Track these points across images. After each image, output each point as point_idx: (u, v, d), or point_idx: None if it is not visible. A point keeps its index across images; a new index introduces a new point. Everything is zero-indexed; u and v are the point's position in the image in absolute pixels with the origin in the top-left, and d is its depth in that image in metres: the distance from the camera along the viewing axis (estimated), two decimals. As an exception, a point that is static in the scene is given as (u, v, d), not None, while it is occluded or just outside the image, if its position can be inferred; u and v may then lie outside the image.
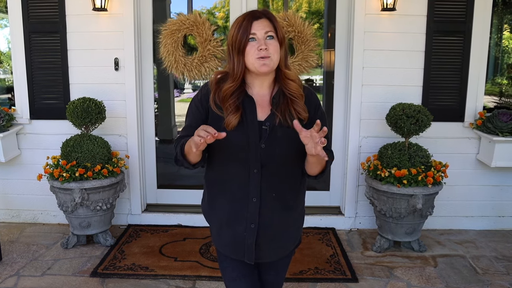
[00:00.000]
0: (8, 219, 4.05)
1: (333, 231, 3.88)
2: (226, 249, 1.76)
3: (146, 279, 3.06)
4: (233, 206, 1.68)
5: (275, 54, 1.58)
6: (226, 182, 1.68)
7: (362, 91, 3.76)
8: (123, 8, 3.68)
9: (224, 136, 1.40)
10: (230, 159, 1.65)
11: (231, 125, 1.57)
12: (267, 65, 1.57)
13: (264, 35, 1.57)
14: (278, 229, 1.72)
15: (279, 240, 1.75)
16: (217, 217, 1.75)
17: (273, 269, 1.88)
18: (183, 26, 3.80)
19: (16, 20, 3.71)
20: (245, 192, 1.64)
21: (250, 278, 1.78)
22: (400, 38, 3.69)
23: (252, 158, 1.61)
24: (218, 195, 1.72)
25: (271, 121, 1.62)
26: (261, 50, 1.55)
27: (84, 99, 3.49)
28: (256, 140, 1.61)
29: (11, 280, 3.03)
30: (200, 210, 1.82)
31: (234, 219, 1.69)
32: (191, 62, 3.84)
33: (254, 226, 1.67)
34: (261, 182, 1.63)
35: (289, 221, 1.76)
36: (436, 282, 3.07)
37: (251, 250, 1.69)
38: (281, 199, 1.69)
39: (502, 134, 3.57)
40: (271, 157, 1.62)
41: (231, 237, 1.71)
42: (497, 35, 4.35)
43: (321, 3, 4.40)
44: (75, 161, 3.39)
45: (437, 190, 3.39)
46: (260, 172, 1.62)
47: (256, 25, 1.57)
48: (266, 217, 1.67)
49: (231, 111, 1.58)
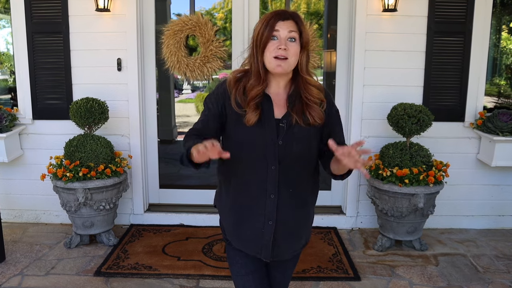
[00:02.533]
0: (11, 219, 4.05)
1: (334, 231, 3.90)
2: (243, 246, 1.76)
3: (150, 278, 3.08)
4: (250, 203, 1.69)
5: (293, 57, 1.59)
6: (244, 179, 1.69)
7: (363, 91, 3.79)
8: (126, 8, 3.70)
9: (228, 157, 1.40)
10: (247, 156, 1.65)
11: (251, 121, 1.59)
12: (281, 67, 1.59)
13: (286, 36, 1.58)
14: (294, 226, 1.74)
15: (295, 237, 1.77)
16: (233, 213, 1.75)
17: (282, 267, 1.88)
18: (185, 27, 3.82)
19: (19, 21, 3.72)
20: (263, 189, 1.65)
21: (258, 274, 1.80)
22: (401, 39, 3.72)
23: (269, 155, 1.63)
24: (235, 192, 1.72)
25: (288, 119, 1.64)
26: (280, 49, 1.56)
27: (87, 99, 3.51)
28: (273, 137, 1.63)
29: (15, 280, 3.04)
30: (202, 210, 1.84)
31: (252, 216, 1.70)
32: (193, 62, 3.86)
33: (271, 223, 1.68)
34: (278, 178, 1.64)
35: (305, 218, 1.78)
36: (438, 281, 3.10)
37: (269, 247, 1.71)
38: (297, 195, 1.71)
39: (502, 134, 3.60)
40: (288, 154, 1.64)
41: (249, 234, 1.72)
42: (495, 36, 4.38)
43: (320, 4, 4.42)
44: (79, 161, 3.40)
45: (438, 190, 3.42)
46: (277, 169, 1.64)
47: (281, 24, 1.58)
48: (283, 214, 1.68)
49: (253, 109, 1.60)
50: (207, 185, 3.98)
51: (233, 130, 1.66)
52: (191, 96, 6.40)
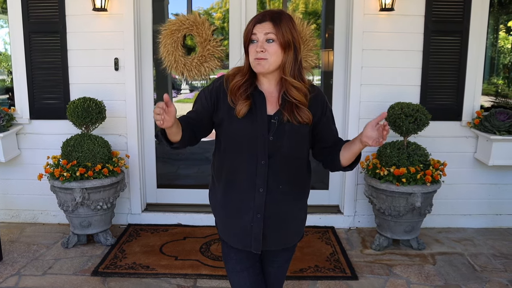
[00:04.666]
0: (8, 219, 4.05)
1: (332, 230, 3.90)
2: (233, 240, 1.80)
3: (147, 278, 3.08)
4: (240, 197, 1.73)
5: (273, 56, 1.62)
6: (234, 172, 1.73)
7: (360, 91, 3.79)
8: (123, 8, 3.70)
9: (167, 98, 1.42)
10: (238, 150, 1.70)
11: (241, 112, 1.64)
12: (262, 66, 1.64)
13: (263, 38, 1.62)
14: (283, 219, 1.78)
15: (285, 230, 1.81)
16: (224, 207, 1.79)
17: (276, 261, 1.92)
18: (182, 26, 3.82)
19: (16, 21, 3.71)
20: (252, 182, 1.70)
21: (253, 270, 1.84)
22: (399, 38, 3.72)
23: (260, 149, 1.67)
24: (226, 185, 1.76)
25: (279, 116, 1.68)
26: (258, 52, 1.62)
27: (84, 98, 3.51)
28: (264, 132, 1.67)
29: (12, 280, 3.04)
30: (199, 209, 1.87)
31: (241, 209, 1.74)
32: (190, 62, 3.86)
33: (260, 216, 1.72)
34: (268, 173, 1.69)
35: (294, 212, 1.81)
36: (435, 280, 3.10)
37: (258, 239, 1.74)
38: (287, 190, 1.75)
39: (500, 133, 3.61)
40: (279, 149, 1.68)
41: (238, 227, 1.76)
42: (493, 35, 4.39)
43: (318, 4, 4.42)
44: (76, 161, 3.40)
45: (436, 189, 3.42)
46: (267, 163, 1.68)
47: (257, 28, 1.63)
48: (272, 208, 1.73)
49: (242, 99, 1.65)
50: (205, 185, 3.92)
51: (226, 124, 1.69)
52: (189, 96, 6.39)
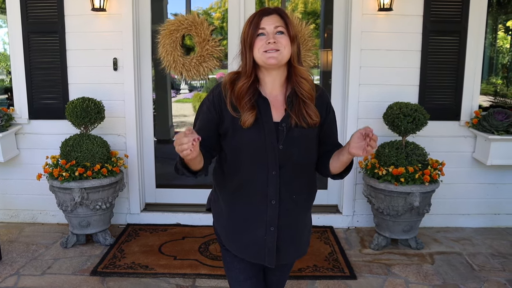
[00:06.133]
0: (7, 219, 4.06)
1: (331, 230, 3.91)
2: (244, 252, 1.71)
3: (146, 278, 3.08)
4: (250, 209, 1.65)
5: (286, 47, 1.56)
6: (243, 184, 1.64)
7: (359, 90, 3.79)
8: (122, 8, 3.70)
9: (199, 139, 1.33)
10: (247, 161, 1.61)
11: (247, 123, 1.55)
12: (274, 58, 1.54)
13: (273, 30, 1.56)
14: (296, 230, 1.71)
15: (298, 241, 1.74)
16: (231, 219, 1.71)
17: (280, 270, 1.86)
18: (181, 26, 3.82)
19: (15, 21, 3.72)
20: (263, 194, 1.61)
21: (256, 279, 1.76)
22: (397, 38, 3.72)
23: (270, 160, 1.58)
24: (232, 198, 1.68)
25: (287, 121, 1.60)
26: (269, 43, 1.53)
27: (83, 98, 3.51)
28: (273, 141, 1.58)
29: (11, 280, 3.04)
30: (198, 209, 1.79)
31: (252, 222, 1.66)
32: (189, 62, 3.86)
33: (273, 229, 1.64)
34: (280, 184, 1.60)
35: (305, 222, 1.76)
36: (434, 279, 3.11)
37: (272, 253, 1.67)
38: (299, 200, 1.67)
39: (498, 133, 3.62)
40: (289, 158, 1.60)
41: (251, 241, 1.67)
42: (491, 35, 4.40)
43: (317, 3, 4.43)
44: (75, 161, 3.40)
45: (434, 188, 3.42)
46: (278, 174, 1.60)
47: (266, 20, 1.56)
48: (285, 220, 1.65)
49: (247, 109, 1.56)
50: (204, 185, 3.98)
51: (231, 134, 1.60)
52: (188, 96, 6.41)
